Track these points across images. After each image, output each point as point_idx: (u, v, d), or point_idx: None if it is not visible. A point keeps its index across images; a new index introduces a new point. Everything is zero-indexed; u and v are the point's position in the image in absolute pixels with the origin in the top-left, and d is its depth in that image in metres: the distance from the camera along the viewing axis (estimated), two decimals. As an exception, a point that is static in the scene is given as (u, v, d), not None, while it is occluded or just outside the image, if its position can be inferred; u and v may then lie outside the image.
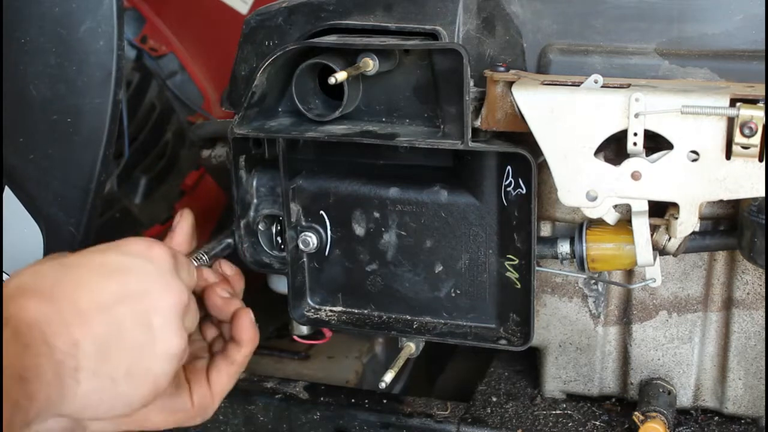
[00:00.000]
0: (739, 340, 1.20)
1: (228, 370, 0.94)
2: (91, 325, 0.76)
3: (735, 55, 1.06)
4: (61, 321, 0.75)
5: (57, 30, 1.07)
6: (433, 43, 1.06)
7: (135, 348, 0.79)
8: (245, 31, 1.19)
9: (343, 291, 1.21)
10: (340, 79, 1.03)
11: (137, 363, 0.79)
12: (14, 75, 1.09)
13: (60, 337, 0.74)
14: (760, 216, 1.00)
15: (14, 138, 1.11)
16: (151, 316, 0.80)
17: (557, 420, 1.27)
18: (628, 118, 0.96)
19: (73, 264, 0.81)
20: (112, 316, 0.78)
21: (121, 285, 0.80)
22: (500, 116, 1.04)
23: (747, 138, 0.92)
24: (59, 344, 0.74)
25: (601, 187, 1.00)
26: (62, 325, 0.75)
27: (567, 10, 1.11)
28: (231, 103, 1.22)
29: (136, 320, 0.79)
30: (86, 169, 1.13)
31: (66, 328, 0.75)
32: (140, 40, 2.14)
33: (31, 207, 1.14)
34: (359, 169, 1.18)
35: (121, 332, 0.78)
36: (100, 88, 1.10)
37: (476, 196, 1.12)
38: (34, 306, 0.74)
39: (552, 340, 1.27)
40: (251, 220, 1.20)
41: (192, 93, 2.16)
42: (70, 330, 0.75)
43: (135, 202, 2.00)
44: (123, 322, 0.79)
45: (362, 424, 1.28)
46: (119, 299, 0.79)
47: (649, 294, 1.21)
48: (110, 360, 0.77)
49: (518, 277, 1.12)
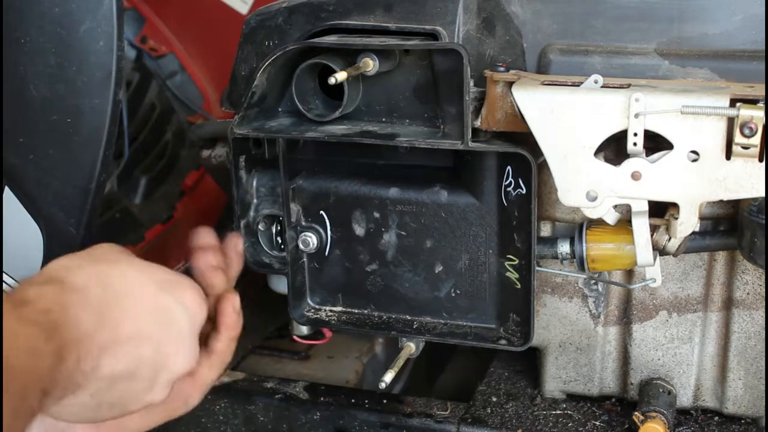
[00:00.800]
0: (739, 340, 1.20)
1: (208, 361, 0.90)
2: (116, 357, 0.75)
3: (735, 55, 1.06)
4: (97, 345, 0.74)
5: (57, 30, 1.07)
6: (433, 43, 1.06)
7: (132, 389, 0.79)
8: (245, 31, 1.19)
9: (343, 291, 1.21)
10: (340, 79, 1.03)
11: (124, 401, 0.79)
12: (14, 75, 1.09)
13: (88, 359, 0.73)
14: (760, 216, 1.00)
15: (14, 138, 1.11)
16: (160, 371, 0.80)
17: (557, 420, 1.27)
18: (628, 118, 0.96)
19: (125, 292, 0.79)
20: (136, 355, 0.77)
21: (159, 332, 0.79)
22: (500, 116, 1.04)
23: (747, 138, 0.92)
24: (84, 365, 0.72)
25: (601, 187, 1.00)
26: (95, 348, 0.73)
27: (567, 10, 1.11)
28: (231, 103, 1.22)
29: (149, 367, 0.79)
30: (86, 169, 1.13)
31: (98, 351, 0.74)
32: (140, 40, 2.14)
33: (31, 207, 1.14)
34: (359, 169, 1.18)
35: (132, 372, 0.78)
36: (99, 89, 1.10)
37: (476, 197, 1.12)
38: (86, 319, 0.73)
39: (552, 340, 1.27)
40: (251, 220, 1.20)
41: (192, 93, 2.15)
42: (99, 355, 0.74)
43: (135, 202, 2.00)
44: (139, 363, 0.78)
45: (362, 424, 1.28)
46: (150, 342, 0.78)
47: (649, 294, 1.21)
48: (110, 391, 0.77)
49: (518, 277, 1.12)
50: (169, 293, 0.82)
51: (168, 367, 0.81)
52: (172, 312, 0.81)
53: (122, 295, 0.78)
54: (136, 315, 0.78)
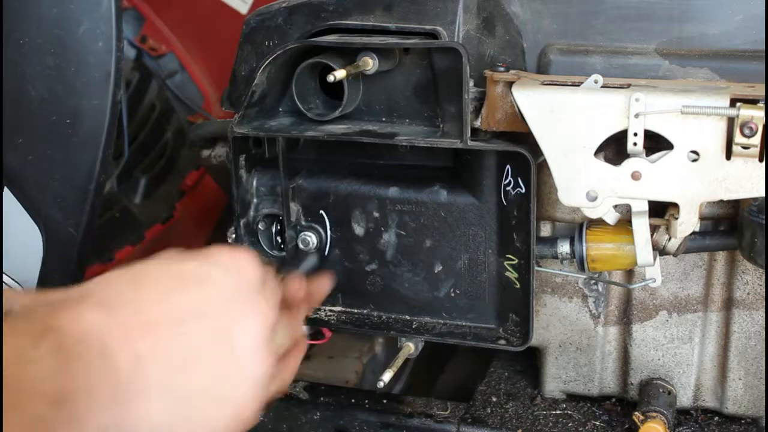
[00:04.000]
0: (739, 340, 1.20)
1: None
2: (158, 338, 0.66)
3: (735, 55, 1.06)
4: (122, 333, 0.65)
5: (55, 31, 1.07)
6: (432, 42, 1.06)
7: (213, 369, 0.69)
8: (245, 31, 1.19)
9: (342, 291, 1.21)
10: (339, 77, 1.02)
11: (215, 385, 0.70)
12: (13, 76, 1.09)
13: (121, 351, 0.64)
14: (760, 216, 1.00)
15: (13, 139, 1.11)
16: (231, 338, 0.71)
17: (557, 420, 1.27)
18: (628, 118, 0.96)
19: (146, 272, 0.71)
20: (186, 332, 0.68)
21: (200, 299, 0.70)
22: (500, 116, 1.04)
23: (747, 138, 0.92)
24: (121, 360, 0.64)
25: (601, 187, 1.00)
26: (123, 338, 0.64)
27: (567, 10, 1.11)
28: (231, 102, 1.22)
29: (216, 339, 0.70)
30: (85, 169, 1.13)
31: (128, 341, 0.65)
32: (140, 40, 2.14)
33: (30, 208, 1.14)
34: (359, 169, 1.18)
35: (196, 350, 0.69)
36: (98, 89, 1.10)
37: (476, 196, 1.12)
38: (88, 316, 0.64)
39: (552, 340, 1.27)
40: (251, 219, 1.20)
41: (192, 93, 2.16)
42: (133, 343, 0.65)
43: (135, 202, 2.00)
44: (199, 340, 0.69)
45: (362, 424, 1.28)
46: (196, 315, 0.69)
47: (649, 294, 1.21)
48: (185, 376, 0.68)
49: (517, 276, 1.12)
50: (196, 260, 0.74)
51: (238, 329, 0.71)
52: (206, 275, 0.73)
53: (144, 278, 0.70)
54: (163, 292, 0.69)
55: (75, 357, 0.61)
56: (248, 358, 0.72)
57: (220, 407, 0.70)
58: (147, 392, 0.65)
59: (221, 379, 0.70)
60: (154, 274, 0.71)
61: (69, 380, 0.60)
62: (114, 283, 0.69)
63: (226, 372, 0.70)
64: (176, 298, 0.69)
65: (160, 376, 0.66)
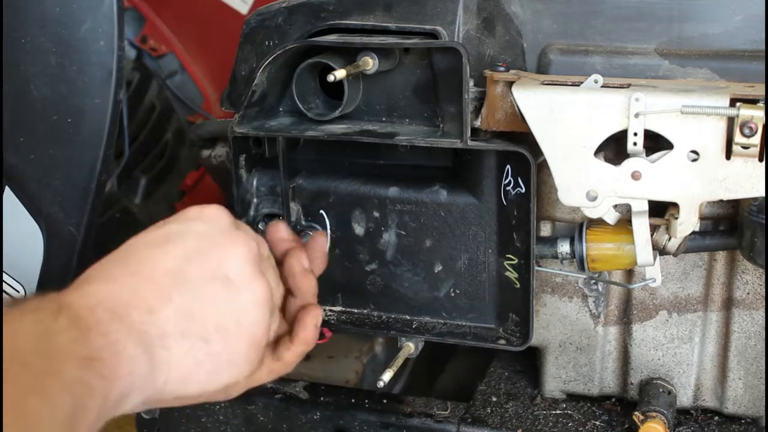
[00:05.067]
0: (739, 340, 1.20)
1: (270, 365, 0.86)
2: (163, 290, 0.74)
3: (735, 55, 1.06)
4: (130, 294, 0.72)
5: (58, 30, 1.08)
6: (432, 42, 1.06)
7: (218, 303, 0.76)
8: (245, 31, 1.19)
9: (342, 291, 1.21)
10: (339, 77, 1.03)
11: (225, 317, 0.76)
12: (15, 75, 1.09)
13: (133, 309, 0.71)
14: (760, 216, 1.00)
15: (15, 138, 1.11)
16: (224, 269, 0.77)
17: (557, 420, 1.27)
18: (628, 118, 0.96)
19: (133, 243, 0.79)
20: (183, 278, 0.75)
21: (183, 248, 0.77)
22: (500, 116, 1.04)
23: (747, 138, 0.92)
24: (134, 316, 0.71)
25: (601, 187, 1.00)
26: (132, 297, 0.72)
27: (567, 10, 1.11)
28: (231, 102, 1.22)
29: (210, 276, 0.77)
30: (86, 169, 1.13)
31: (137, 299, 0.72)
32: (140, 40, 2.14)
33: (31, 207, 1.14)
34: (359, 169, 1.18)
35: (197, 291, 0.75)
36: (100, 88, 1.10)
37: (476, 196, 1.12)
38: (94, 289, 0.71)
39: (552, 340, 1.27)
40: (251, 219, 1.20)
41: (192, 93, 2.16)
42: (142, 300, 0.72)
43: (135, 202, 2.01)
44: (197, 280, 0.76)
45: (362, 424, 1.28)
46: (185, 260, 0.76)
47: (649, 294, 1.21)
48: (195, 319, 0.74)
49: (517, 276, 1.12)
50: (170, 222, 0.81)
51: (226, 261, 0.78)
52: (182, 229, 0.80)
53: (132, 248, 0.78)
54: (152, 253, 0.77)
55: (93, 324, 0.68)
56: (246, 283, 0.78)
57: (235, 337, 0.77)
58: (165, 340, 0.72)
59: (228, 310, 0.77)
60: (140, 241, 0.79)
61: (94, 341, 0.67)
62: (108, 262, 0.77)
63: (231, 302, 0.77)
64: (166, 251, 0.77)
65: (174, 321, 0.73)
